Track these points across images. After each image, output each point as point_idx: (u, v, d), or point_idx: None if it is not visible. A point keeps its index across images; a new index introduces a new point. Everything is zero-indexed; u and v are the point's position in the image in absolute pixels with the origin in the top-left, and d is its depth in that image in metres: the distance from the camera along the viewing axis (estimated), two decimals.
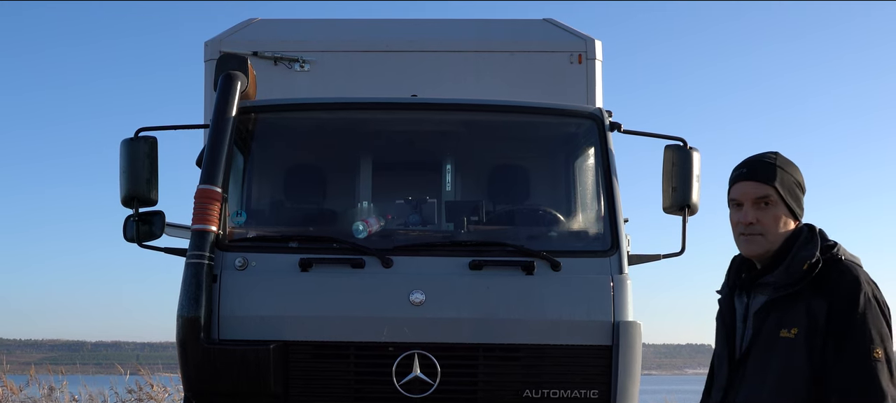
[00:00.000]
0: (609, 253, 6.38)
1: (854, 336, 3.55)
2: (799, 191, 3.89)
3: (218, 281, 6.13)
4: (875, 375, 3.51)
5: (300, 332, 6.16)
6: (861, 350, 3.54)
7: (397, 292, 6.18)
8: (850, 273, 3.65)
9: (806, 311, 3.63)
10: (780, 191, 3.81)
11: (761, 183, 3.82)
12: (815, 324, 3.60)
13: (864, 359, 3.53)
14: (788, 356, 3.64)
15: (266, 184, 7.53)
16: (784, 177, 3.84)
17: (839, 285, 3.62)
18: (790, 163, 3.90)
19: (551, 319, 6.24)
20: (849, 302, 3.58)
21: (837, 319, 3.58)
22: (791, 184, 3.85)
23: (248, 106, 6.74)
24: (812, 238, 3.77)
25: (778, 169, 3.84)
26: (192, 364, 5.98)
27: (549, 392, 6.18)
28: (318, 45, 8.21)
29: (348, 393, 6.20)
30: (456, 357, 6.18)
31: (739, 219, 3.86)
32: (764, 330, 3.76)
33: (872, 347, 3.53)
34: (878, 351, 3.53)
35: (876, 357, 3.52)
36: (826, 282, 3.65)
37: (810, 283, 3.67)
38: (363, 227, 6.49)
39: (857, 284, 3.61)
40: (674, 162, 6.75)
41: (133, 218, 6.53)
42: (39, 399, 15.51)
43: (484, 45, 8.39)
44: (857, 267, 3.71)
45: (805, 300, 3.65)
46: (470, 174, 7.67)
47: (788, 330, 3.65)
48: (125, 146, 6.57)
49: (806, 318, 3.62)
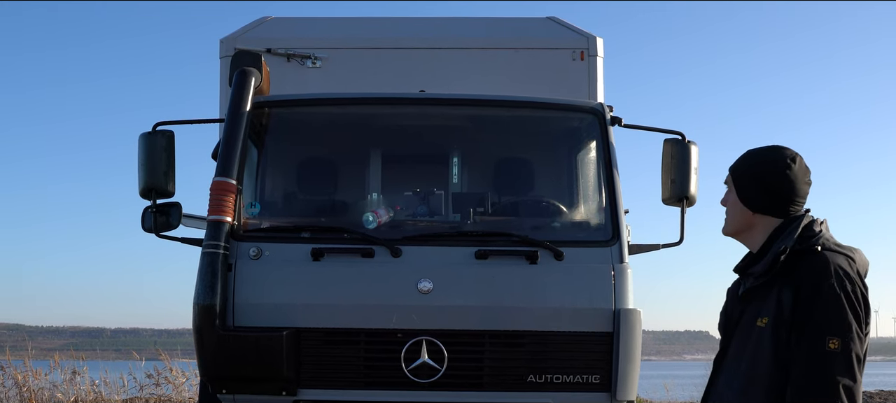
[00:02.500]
0: (610, 243, 6.38)
1: (811, 326, 3.47)
2: (753, 182, 3.85)
3: (233, 270, 6.14)
4: (826, 367, 3.40)
5: (312, 319, 6.17)
6: (815, 340, 3.44)
7: (406, 280, 6.19)
8: (819, 262, 3.56)
9: (776, 301, 3.59)
10: (733, 177, 3.92)
11: (730, 167, 3.97)
12: (781, 314, 3.55)
13: (818, 350, 3.42)
14: (758, 344, 3.61)
15: (279, 177, 7.54)
16: (740, 166, 3.92)
17: (806, 275, 3.55)
18: (760, 157, 3.89)
19: (554, 307, 6.24)
20: (811, 291, 3.50)
21: (800, 308, 3.52)
22: (744, 174, 3.89)
23: (262, 101, 6.74)
24: (794, 229, 3.71)
25: (742, 158, 3.94)
26: (208, 350, 5.99)
27: (552, 376, 6.18)
28: (329, 43, 8.21)
29: (358, 378, 6.21)
30: (462, 343, 6.19)
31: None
32: (744, 318, 3.77)
33: (828, 337, 3.42)
34: (833, 342, 3.41)
35: (830, 348, 3.40)
36: (795, 272, 3.59)
37: (782, 273, 3.62)
38: (373, 218, 6.50)
39: (823, 274, 3.52)
40: (673, 155, 6.74)
41: (151, 209, 6.53)
42: (61, 384, 15.53)
43: (489, 42, 8.38)
44: (834, 256, 3.60)
45: (776, 289, 3.61)
46: (476, 167, 7.67)
47: (761, 319, 3.63)
48: (143, 140, 6.57)
49: (775, 308, 3.58)
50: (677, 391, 21.06)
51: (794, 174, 3.81)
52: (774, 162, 3.86)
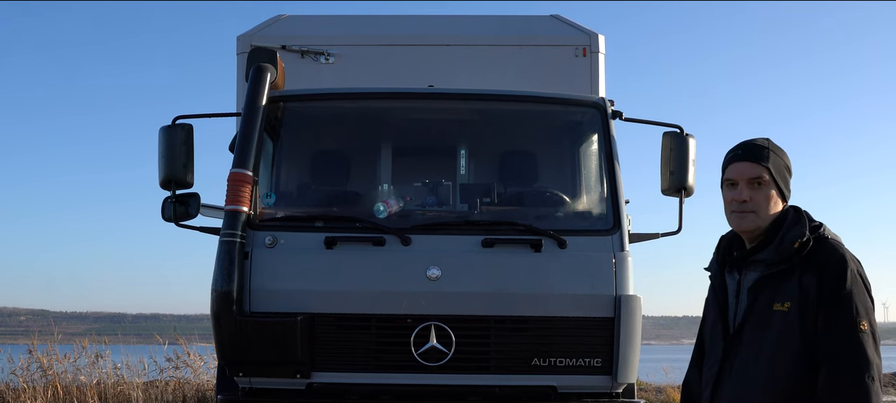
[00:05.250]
0: (611, 231, 6.39)
1: (842, 309, 3.56)
2: (787, 174, 3.90)
3: (249, 258, 6.15)
4: (862, 345, 3.53)
5: (325, 305, 6.18)
6: (849, 322, 3.55)
7: (415, 268, 6.20)
8: (837, 251, 3.66)
9: (798, 286, 3.63)
10: (772, 172, 3.81)
11: (756, 163, 3.82)
12: (806, 298, 3.60)
13: (852, 331, 3.54)
14: (781, 328, 3.63)
15: (294, 168, 7.54)
16: (776, 160, 3.84)
17: (828, 262, 3.62)
18: (780, 149, 3.91)
19: (558, 293, 6.25)
20: (837, 278, 3.58)
21: (827, 294, 3.58)
22: (781, 167, 3.86)
23: (278, 96, 6.75)
24: (800, 218, 3.77)
25: (771, 152, 3.85)
26: (225, 335, 6.01)
27: (555, 360, 6.19)
28: (342, 40, 8.21)
29: (369, 362, 6.22)
30: (469, 328, 6.20)
31: (733, 197, 3.85)
32: (757, 305, 3.75)
33: (859, 320, 3.54)
34: (864, 324, 3.55)
35: (862, 329, 3.54)
36: (815, 259, 3.65)
37: (801, 260, 3.66)
38: (384, 208, 6.50)
39: (844, 261, 3.61)
40: (671, 147, 6.73)
41: (170, 199, 6.54)
42: (84, 367, 15.56)
43: (496, 39, 8.38)
44: (841, 246, 3.72)
45: (796, 276, 3.65)
46: (482, 159, 7.67)
47: (782, 303, 3.65)
48: (163, 133, 6.57)
49: (798, 292, 3.62)
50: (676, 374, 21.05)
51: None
52: (784, 150, 3.92)
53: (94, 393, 14.71)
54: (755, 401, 3.69)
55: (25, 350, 15.44)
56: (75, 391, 14.67)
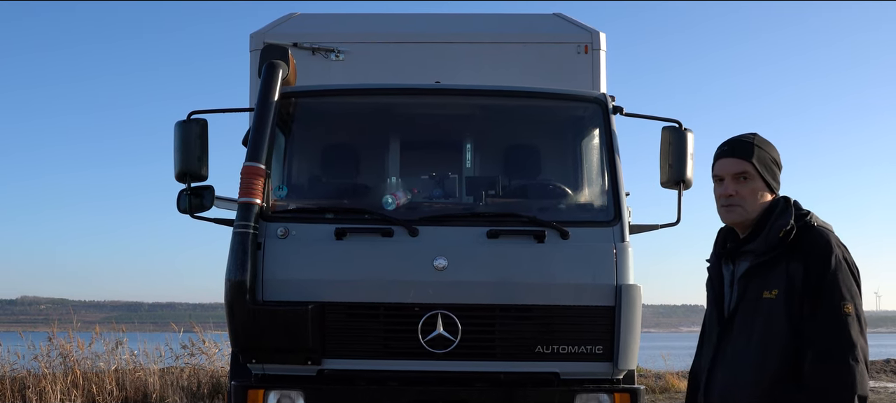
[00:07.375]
0: (612, 223, 6.39)
1: (827, 294, 3.58)
2: (775, 166, 3.91)
3: (262, 249, 6.16)
4: (846, 328, 3.54)
5: (335, 294, 6.20)
6: (834, 306, 3.57)
7: (422, 258, 6.21)
8: (822, 237, 3.68)
9: (785, 274, 3.65)
10: (757, 166, 3.84)
11: (740, 159, 3.85)
12: (793, 285, 3.63)
13: (837, 314, 3.56)
14: (770, 315, 3.67)
15: (305, 162, 7.55)
16: (760, 154, 3.86)
17: (813, 248, 3.65)
18: (767, 143, 3.92)
19: (560, 282, 6.26)
20: (822, 264, 3.60)
21: (812, 279, 3.60)
22: (767, 160, 3.88)
23: (289, 91, 6.75)
24: (787, 208, 3.79)
25: (755, 147, 3.87)
26: (239, 323, 6.02)
27: (558, 347, 6.20)
28: (351, 37, 8.21)
29: (378, 349, 6.23)
30: (475, 316, 6.21)
31: (721, 192, 3.90)
32: (748, 293, 3.78)
33: (843, 303, 3.57)
34: (848, 307, 3.57)
35: (846, 312, 3.56)
36: (801, 247, 3.67)
37: (787, 248, 3.69)
38: (392, 200, 6.51)
39: (828, 247, 3.63)
40: (670, 141, 6.74)
41: (186, 192, 6.56)
42: (102, 354, 15.60)
43: (500, 36, 8.38)
44: (828, 232, 3.73)
45: (783, 263, 3.68)
46: (488, 152, 7.68)
47: (770, 291, 3.69)
48: (178, 127, 6.59)
49: (786, 280, 3.65)
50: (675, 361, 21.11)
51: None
52: (772, 144, 3.94)
53: (112, 379, 14.73)
54: (746, 384, 3.72)
55: (45, 337, 15.50)
56: (94, 377, 14.70)
